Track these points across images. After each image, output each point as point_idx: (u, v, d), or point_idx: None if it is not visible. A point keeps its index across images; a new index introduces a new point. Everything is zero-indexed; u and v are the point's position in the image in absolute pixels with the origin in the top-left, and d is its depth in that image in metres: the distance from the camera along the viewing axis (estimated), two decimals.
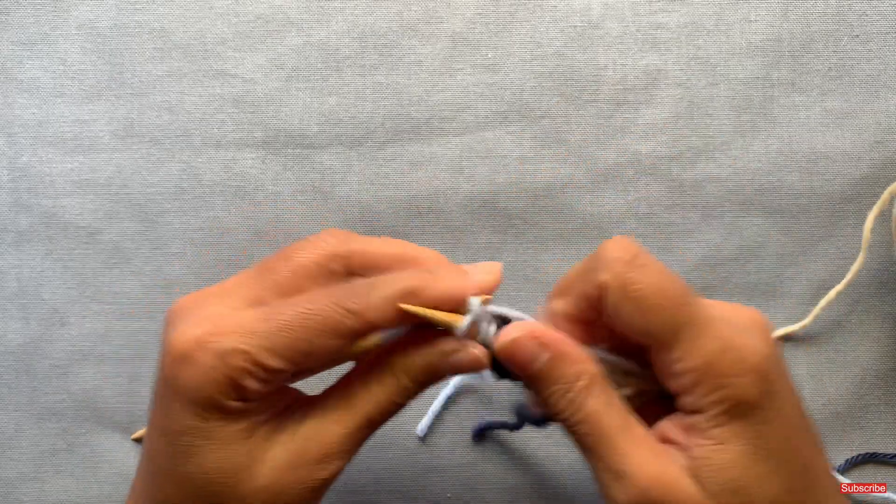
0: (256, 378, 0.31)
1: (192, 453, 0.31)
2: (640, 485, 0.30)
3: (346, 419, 0.33)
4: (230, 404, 0.31)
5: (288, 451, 0.32)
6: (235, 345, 0.30)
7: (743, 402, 0.30)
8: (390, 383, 0.33)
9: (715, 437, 0.30)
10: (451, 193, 0.48)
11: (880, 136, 0.48)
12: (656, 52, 0.48)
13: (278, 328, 0.31)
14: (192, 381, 0.30)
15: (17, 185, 0.49)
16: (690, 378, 0.30)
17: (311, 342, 0.31)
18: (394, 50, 0.49)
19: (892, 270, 0.48)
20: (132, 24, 0.49)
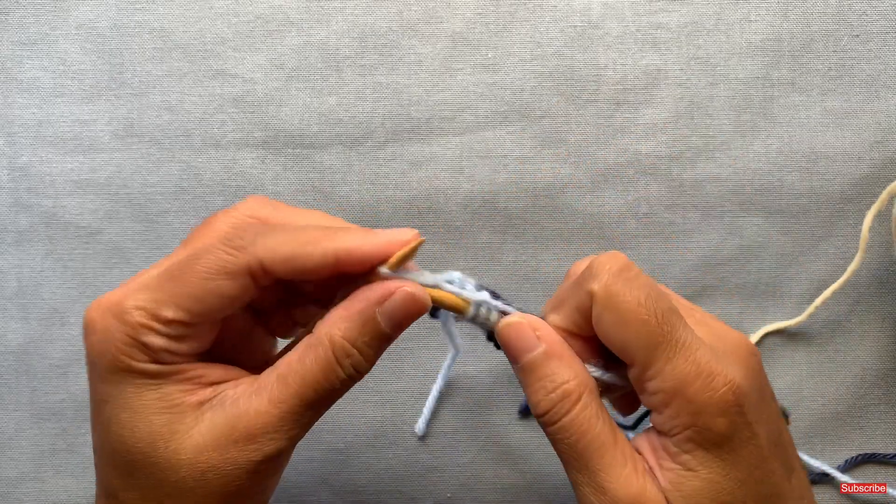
0: (157, 333, 0.30)
1: (111, 423, 0.31)
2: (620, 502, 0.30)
3: (278, 398, 0.31)
4: (139, 365, 0.30)
5: (215, 427, 0.31)
6: (131, 302, 0.30)
7: (711, 432, 0.30)
8: (325, 354, 0.31)
9: (684, 464, 0.30)
10: (451, 193, 0.48)
11: (880, 136, 0.48)
12: (656, 52, 0.48)
13: (169, 277, 0.30)
14: (96, 346, 0.30)
15: (17, 185, 0.49)
16: (661, 399, 0.30)
17: (203, 286, 0.30)
18: (394, 50, 0.49)
19: (892, 270, 0.48)
20: (132, 24, 0.49)
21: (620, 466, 0.30)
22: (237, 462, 0.30)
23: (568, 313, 0.33)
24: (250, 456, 0.31)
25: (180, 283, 0.30)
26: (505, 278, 0.48)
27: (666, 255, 0.48)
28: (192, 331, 0.31)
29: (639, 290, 0.30)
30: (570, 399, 0.31)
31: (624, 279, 0.31)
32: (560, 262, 0.48)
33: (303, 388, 0.31)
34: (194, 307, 0.30)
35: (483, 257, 0.48)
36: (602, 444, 0.30)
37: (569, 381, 0.31)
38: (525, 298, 0.48)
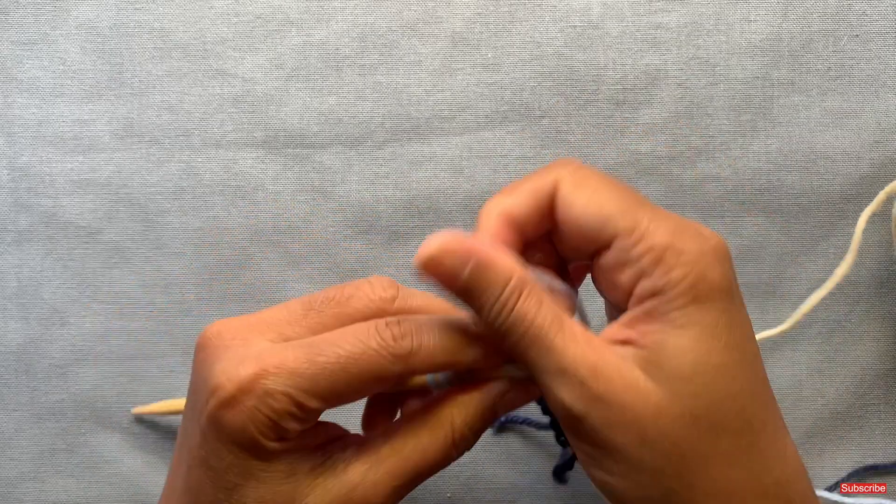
0: (296, 419, 0.29)
1: (235, 489, 0.30)
2: (581, 376, 0.28)
3: (395, 469, 0.31)
4: (270, 445, 0.30)
5: (331, 495, 0.31)
6: (279, 387, 0.29)
7: (706, 280, 0.28)
8: (445, 436, 0.31)
9: (673, 321, 0.28)
10: (451, 193, 0.48)
11: (880, 135, 0.48)
12: (656, 52, 0.48)
13: (321, 370, 0.29)
14: (236, 424, 0.29)
15: (17, 185, 0.49)
16: (650, 257, 0.28)
17: (353, 386, 0.30)
18: (394, 50, 0.49)
19: (892, 270, 0.48)
20: (132, 24, 0.49)
21: (573, 343, 0.29)
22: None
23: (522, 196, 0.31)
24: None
25: (332, 378, 0.29)
26: None
27: None
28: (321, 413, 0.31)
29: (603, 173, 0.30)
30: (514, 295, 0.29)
31: (587, 166, 0.31)
32: None
33: (420, 464, 0.31)
34: (339, 402, 0.30)
35: None
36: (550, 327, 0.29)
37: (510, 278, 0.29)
38: None
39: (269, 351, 0.30)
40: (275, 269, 0.49)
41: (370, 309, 0.32)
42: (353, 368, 0.29)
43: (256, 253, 0.48)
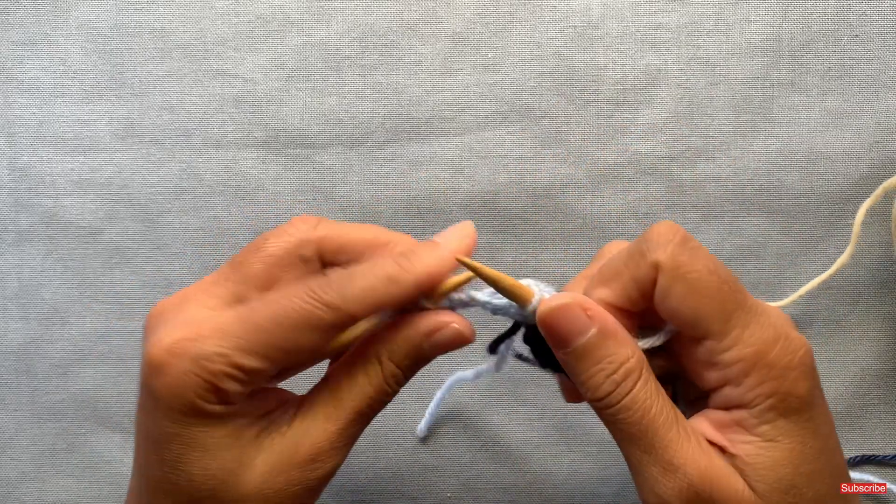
0: (235, 379, 0.30)
1: (179, 461, 0.30)
2: (692, 479, 0.28)
3: (335, 415, 0.32)
4: (211, 408, 0.30)
5: (277, 454, 0.31)
6: (211, 348, 0.29)
7: (794, 396, 0.29)
8: (375, 373, 0.32)
9: (763, 435, 0.29)
10: (451, 193, 0.48)
11: (879, 136, 0.48)
12: (656, 52, 0.48)
13: (254, 327, 0.30)
14: (169, 389, 0.30)
15: (17, 185, 0.49)
16: (740, 368, 0.29)
17: (289, 339, 0.30)
18: (394, 50, 0.49)
19: (891, 270, 0.48)
20: (132, 24, 0.49)
21: (686, 441, 0.29)
22: (301, 482, 0.31)
23: (622, 287, 0.31)
24: (312, 475, 0.31)
25: (265, 334, 0.30)
26: None
27: None
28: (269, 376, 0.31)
29: (707, 259, 0.29)
30: (632, 377, 0.29)
31: (689, 249, 0.29)
32: (560, 262, 0.48)
33: (358, 405, 0.32)
34: (279, 358, 0.30)
35: (483, 257, 0.48)
36: (666, 420, 0.29)
37: (629, 358, 0.29)
38: None
39: (200, 315, 0.31)
40: None
41: (290, 242, 0.33)
42: (286, 321, 0.30)
43: None
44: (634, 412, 0.29)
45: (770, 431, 0.29)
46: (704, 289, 0.29)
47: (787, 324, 0.30)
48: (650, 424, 0.29)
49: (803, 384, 0.29)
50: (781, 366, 0.29)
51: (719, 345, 0.29)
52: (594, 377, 0.30)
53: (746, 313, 0.29)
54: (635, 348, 0.30)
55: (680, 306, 0.29)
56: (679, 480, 0.28)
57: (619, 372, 0.29)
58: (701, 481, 0.28)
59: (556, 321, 0.30)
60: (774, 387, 0.29)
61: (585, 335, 0.29)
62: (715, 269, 0.29)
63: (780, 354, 0.29)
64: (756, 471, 0.29)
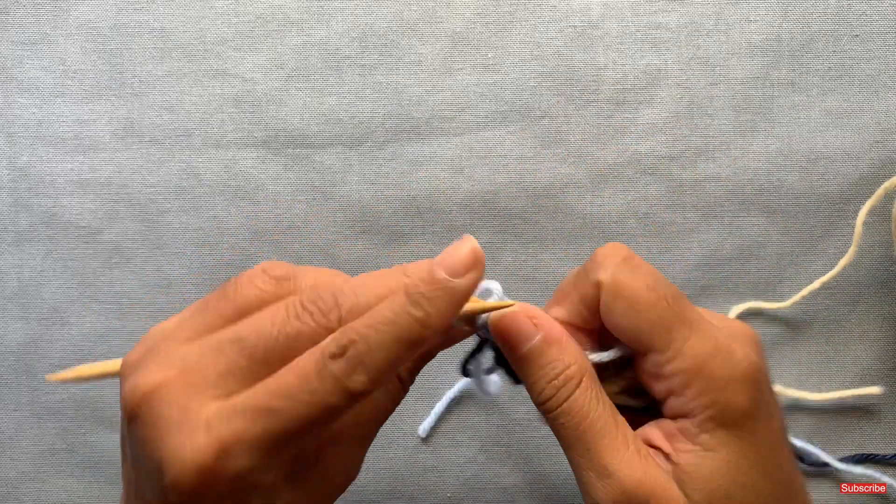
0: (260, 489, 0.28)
1: None
2: (625, 485, 0.29)
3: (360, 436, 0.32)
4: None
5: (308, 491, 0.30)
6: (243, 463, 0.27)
7: (733, 408, 0.29)
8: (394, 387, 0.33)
9: (703, 444, 0.30)
10: (451, 193, 0.48)
11: (880, 135, 0.48)
12: (656, 52, 0.48)
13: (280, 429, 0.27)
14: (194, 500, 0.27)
15: (17, 185, 0.49)
16: (680, 379, 0.30)
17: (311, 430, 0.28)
18: (394, 50, 0.49)
19: (891, 270, 0.48)
20: (132, 24, 0.49)
21: (623, 449, 0.30)
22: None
23: (572, 305, 0.32)
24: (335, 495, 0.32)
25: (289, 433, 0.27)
26: (505, 278, 0.48)
27: (666, 255, 0.48)
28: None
29: (646, 276, 0.30)
30: (571, 383, 0.30)
31: (630, 267, 0.31)
32: (560, 262, 0.48)
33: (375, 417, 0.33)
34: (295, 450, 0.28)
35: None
36: (604, 427, 0.30)
37: (570, 365, 0.31)
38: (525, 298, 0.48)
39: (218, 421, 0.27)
40: None
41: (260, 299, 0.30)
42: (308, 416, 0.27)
43: (256, 253, 0.48)
44: (572, 417, 0.30)
45: (709, 441, 0.30)
46: (643, 305, 0.30)
47: (735, 337, 0.31)
48: (587, 430, 0.30)
49: (743, 397, 0.29)
50: (721, 377, 0.29)
51: (661, 357, 0.30)
52: (538, 382, 0.31)
53: (687, 327, 0.30)
54: (579, 357, 0.31)
55: (621, 322, 0.30)
56: (612, 486, 0.29)
57: (560, 378, 0.30)
58: (635, 487, 0.29)
59: (505, 328, 0.31)
60: (713, 398, 0.29)
61: (531, 341, 0.31)
62: (654, 285, 0.30)
63: (719, 366, 0.29)
64: (693, 479, 0.29)
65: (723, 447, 0.29)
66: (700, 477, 0.29)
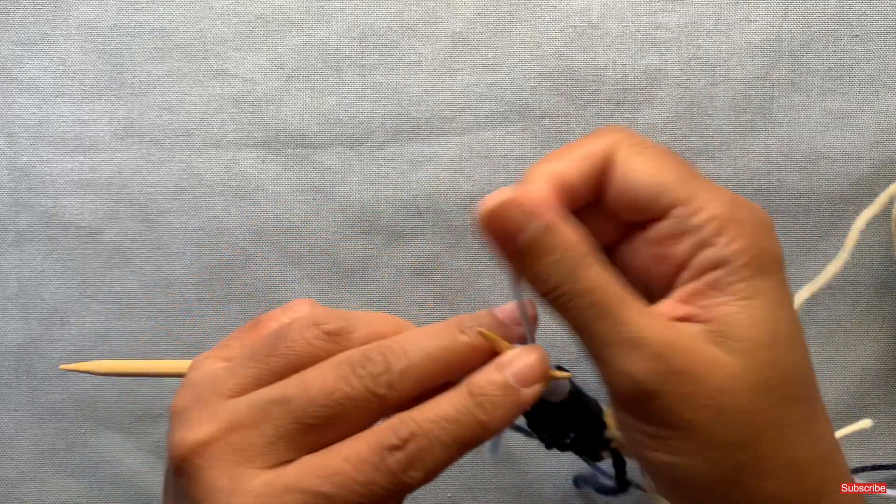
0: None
1: None
2: (656, 349, 0.27)
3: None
4: None
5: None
6: None
7: (768, 253, 0.28)
8: None
9: (740, 292, 0.27)
10: (451, 193, 0.48)
11: (880, 136, 0.48)
12: (656, 52, 0.48)
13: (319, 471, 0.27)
14: None
15: (17, 185, 0.49)
16: (714, 226, 0.27)
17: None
18: (394, 50, 0.49)
19: (891, 270, 0.48)
20: (132, 24, 0.49)
21: (646, 315, 0.27)
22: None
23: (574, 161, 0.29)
24: None
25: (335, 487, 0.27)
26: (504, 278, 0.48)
27: None
28: None
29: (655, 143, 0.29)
30: (584, 261, 0.28)
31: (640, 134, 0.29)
32: None
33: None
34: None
35: (483, 257, 0.48)
36: (622, 298, 0.27)
37: (577, 243, 0.28)
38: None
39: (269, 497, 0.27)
40: (275, 269, 0.49)
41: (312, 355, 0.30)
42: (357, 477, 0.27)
43: (256, 253, 0.48)
44: (585, 296, 0.27)
45: (747, 289, 0.27)
46: (664, 160, 0.28)
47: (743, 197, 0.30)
48: (607, 306, 0.27)
49: (774, 241, 0.28)
50: (752, 222, 0.28)
51: (688, 209, 0.28)
52: (542, 272, 0.28)
53: (706, 181, 0.29)
54: (581, 231, 0.28)
55: (643, 178, 0.28)
56: (644, 354, 0.27)
57: (569, 259, 0.28)
58: (669, 350, 0.27)
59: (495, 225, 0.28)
60: (750, 241, 0.27)
61: (528, 231, 0.28)
62: (666, 148, 0.29)
63: (748, 213, 0.28)
64: (733, 330, 0.27)
65: (762, 295, 0.27)
66: (740, 327, 0.27)
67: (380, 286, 0.49)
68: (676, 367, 0.27)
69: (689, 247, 0.28)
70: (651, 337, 0.27)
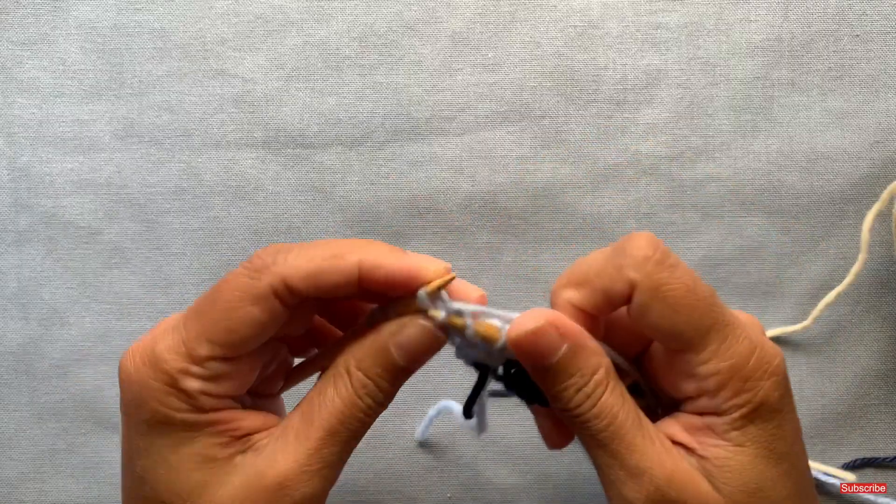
0: (194, 375, 0.29)
1: (146, 477, 0.30)
2: (658, 482, 0.29)
3: (304, 435, 0.30)
4: (177, 416, 0.29)
5: (245, 478, 0.30)
6: (163, 346, 0.29)
7: (766, 404, 0.30)
8: (344, 384, 0.30)
9: (733, 440, 0.30)
10: (451, 193, 0.48)
11: (880, 136, 0.48)
12: (656, 52, 0.48)
13: (197, 314, 0.30)
14: (133, 399, 0.29)
15: (17, 185, 0.49)
16: (716, 380, 0.30)
17: (230, 315, 0.29)
18: (394, 50, 0.48)
19: (892, 270, 0.48)
20: (132, 24, 0.49)
21: (651, 445, 0.30)
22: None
23: (591, 294, 0.31)
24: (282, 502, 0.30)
25: (207, 318, 0.29)
26: (505, 278, 0.48)
27: None
28: (229, 367, 0.30)
29: (685, 275, 0.30)
30: (601, 387, 0.30)
31: (668, 266, 0.30)
32: (560, 262, 0.48)
33: (328, 422, 0.30)
34: (226, 339, 0.29)
35: (483, 257, 0.48)
36: (632, 426, 0.30)
37: (598, 369, 0.30)
38: (525, 298, 0.48)
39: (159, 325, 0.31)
40: None
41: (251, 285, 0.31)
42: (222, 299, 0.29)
43: None
44: (601, 420, 0.30)
45: (739, 437, 0.30)
46: (682, 307, 0.29)
47: (761, 333, 0.31)
48: (617, 431, 0.30)
49: (775, 393, 0.30)
50: (756, 377, 0.30)
51: (697, 357, 0.30)
52: (566, 391, 0.30)
53: (724, 327, 0.30)
54: (603, 357, 0.30)
55: (659, 322, 0.30)
56: (646, 484, 0.29)
57: (590, 384, 0.30)
58: (667, 484, 0.29)
59: (532, 344, 0.30)
60: (748, 398, 0.30)
61: (558, 353, 0.30)
62: (693, 286, 0.30)
63: (755, 366, 0.30)
64: (724, 473, 0.30)
65: (753, 443, 0.30)
66: (730, 471, 0.30)
67: None
68: (672, 499, 0.29)
69: (693, 388, 0.30)
70: (655, 469, 0.29)
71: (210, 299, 0.30)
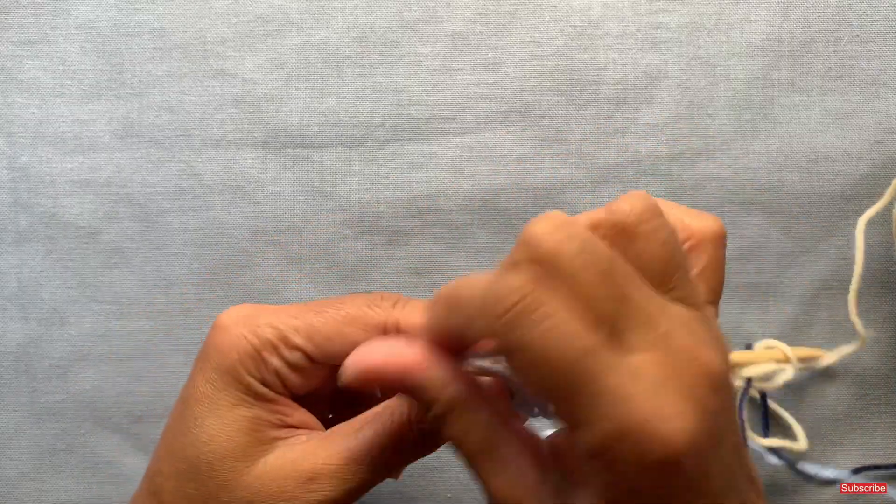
0: (280, 356, 0.32)
1: (195, 422, 0.31)
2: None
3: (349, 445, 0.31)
4: (248, 379, 0.31)
5: (282, 460, 0.31)
6: (265, 318, 0.32)
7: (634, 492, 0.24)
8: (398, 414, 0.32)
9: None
10: (451, 193, 0.48)
11: (880, 136, 0.48)
12: (656, 52, 0.48)
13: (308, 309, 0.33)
14: (220, 347, 0.32)
15: (17, 185, 0.49)
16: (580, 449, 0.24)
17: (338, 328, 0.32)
18: (394, 50, 0.48)
19: (892, 270, 0.48)
20: (132, 24, 0.49)
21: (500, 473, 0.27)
22: (290, 498, 0.31)
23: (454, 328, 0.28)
24: (308, 497, 0.31)
25: (318, 319, 0.32)
26: None
27: None
28: (309, 368, 0.32)
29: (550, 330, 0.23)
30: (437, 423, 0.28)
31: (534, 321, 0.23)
32: None
33: (375, 439, 0.32)
34: (323, 345, 0.32)
35: (483, 257, 0.48)
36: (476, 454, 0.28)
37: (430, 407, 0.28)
38: None
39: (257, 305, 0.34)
40: (275, 270, 0.49)
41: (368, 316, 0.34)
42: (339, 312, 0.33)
43: (256, 253, 0.48)
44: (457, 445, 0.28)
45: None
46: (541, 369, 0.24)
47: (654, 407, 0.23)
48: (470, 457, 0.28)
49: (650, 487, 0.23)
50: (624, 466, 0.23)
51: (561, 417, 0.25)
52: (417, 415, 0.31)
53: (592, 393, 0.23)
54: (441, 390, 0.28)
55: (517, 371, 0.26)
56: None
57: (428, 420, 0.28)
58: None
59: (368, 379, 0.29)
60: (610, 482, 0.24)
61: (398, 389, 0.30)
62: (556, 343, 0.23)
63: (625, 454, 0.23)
64: None
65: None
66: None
67: (380, 286, 0.49)
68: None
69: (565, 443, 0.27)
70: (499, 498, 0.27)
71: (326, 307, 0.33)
